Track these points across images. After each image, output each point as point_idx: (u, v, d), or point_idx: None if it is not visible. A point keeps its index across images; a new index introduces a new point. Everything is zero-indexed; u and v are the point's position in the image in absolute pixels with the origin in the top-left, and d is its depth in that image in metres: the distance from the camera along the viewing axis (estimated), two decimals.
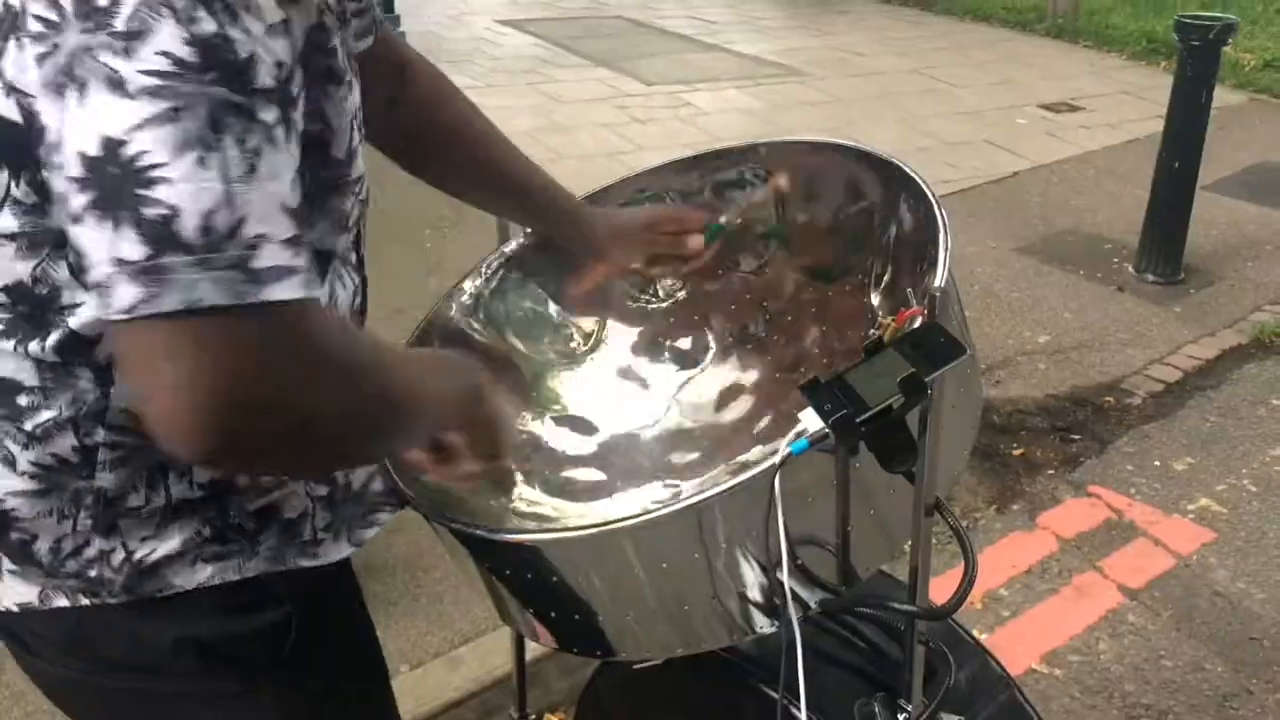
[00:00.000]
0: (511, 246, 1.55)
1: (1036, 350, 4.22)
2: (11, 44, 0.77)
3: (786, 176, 1.46)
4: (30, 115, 0.77)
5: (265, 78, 0.78)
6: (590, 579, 1.11)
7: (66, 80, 0.74)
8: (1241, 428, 3.73)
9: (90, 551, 1.01)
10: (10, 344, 0.92)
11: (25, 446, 0.96)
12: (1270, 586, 2.92)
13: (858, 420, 0.90)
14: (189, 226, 0.73)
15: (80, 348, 0.92)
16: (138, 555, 1.02)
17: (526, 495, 1.33)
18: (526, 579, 1.14)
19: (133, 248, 0.72)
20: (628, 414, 1.50)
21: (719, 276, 1.55)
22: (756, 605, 1.11)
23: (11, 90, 0.79)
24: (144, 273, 0.72)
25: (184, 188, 0.73)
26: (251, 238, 0.75)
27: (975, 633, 2.68)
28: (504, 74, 7.93)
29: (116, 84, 0.72)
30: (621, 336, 1.56)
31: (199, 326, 0.74)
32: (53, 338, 0.91)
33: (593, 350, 1.55)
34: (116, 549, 1.01)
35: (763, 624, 1.12)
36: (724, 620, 1.13)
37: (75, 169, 0.74)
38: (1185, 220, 4.77)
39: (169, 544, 1.03)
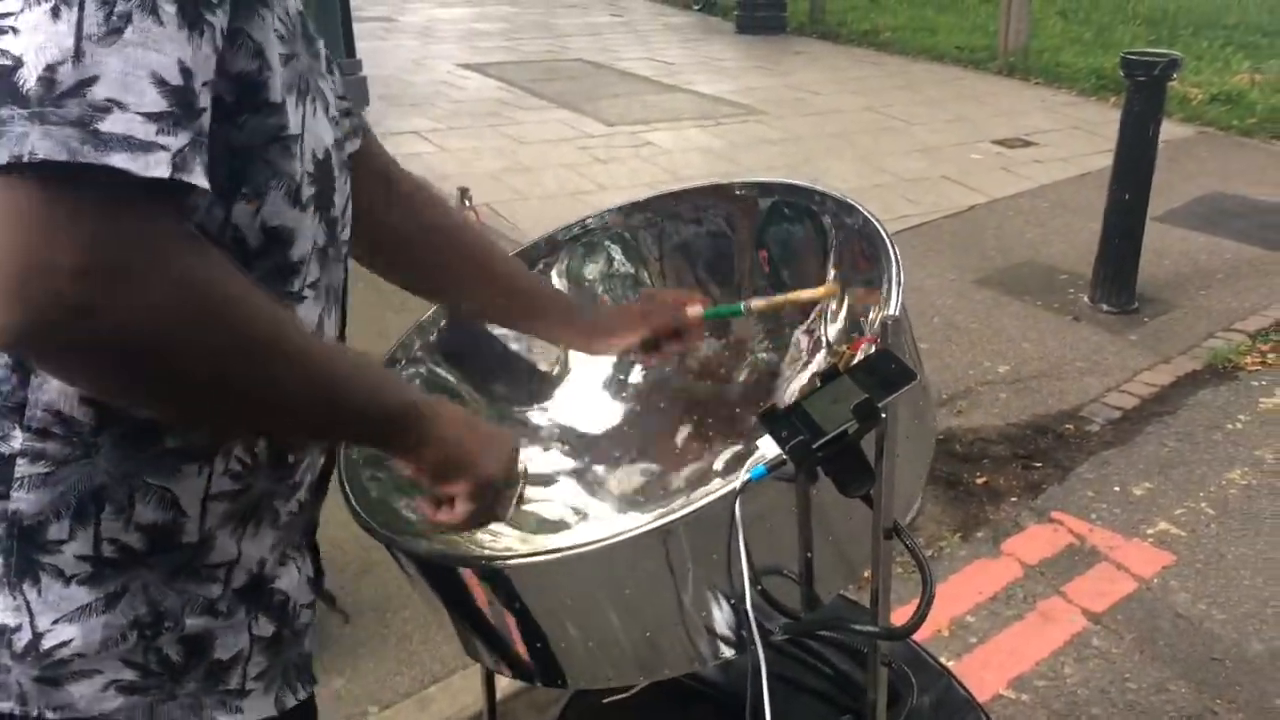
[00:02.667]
0: None
1: (997, 380, 4.29)
2: None
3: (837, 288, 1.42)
4: None
5: None
6: (553, 606, 1.12)
7: None
8: (1198, 452, 3.80)
9: None
10: None
11: None
12: (1230, 607, 2.96)
13: (814, 446, 0.92)
14: (30, 78, 0.67)
15: None
16: (45, 642, 0.88)
17: (491, 527, 1.35)
18: (489, 608, 1.15)
19: None
20: (590, 447, 1.51)
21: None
22: (720, 631, 1.12)
23: None
24: None
25: (30, 38, 0.68)
26: (102, 100, 0.68)
27: (943, 659, 2.71)
28: (466, 117, 7.99)
29: None
30: (584, 373, 1.58)
31: (26, 182, 0.68)
32: None
33: (556, 385, 1.57)
34: (22, 627, 0.87)
35: (727, 650, 1.14)
36: (688, 647, 1.14)
37: None
38: (1137, 250, 4.88)
39: (87, 635, 0.89)
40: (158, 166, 0.70)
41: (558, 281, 1.59)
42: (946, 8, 13.08)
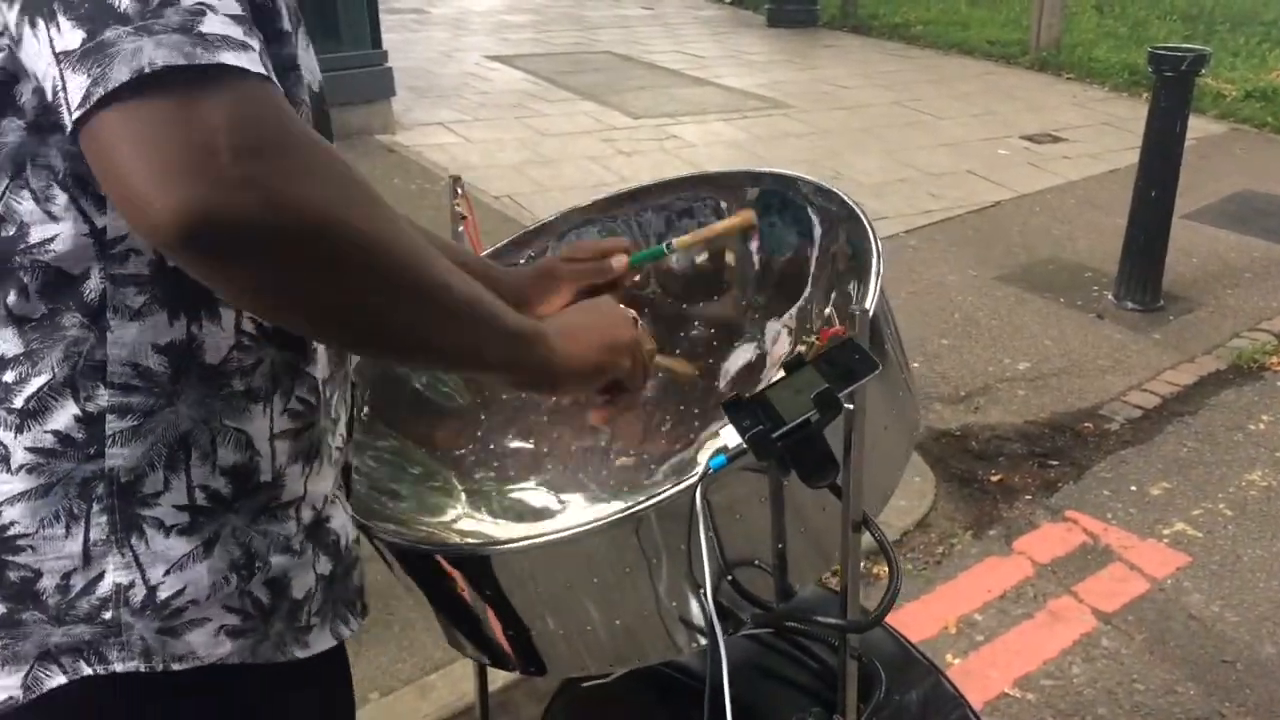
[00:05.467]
0: None
1: (1016, 377, 4.25)
2: None
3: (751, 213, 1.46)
4: None
5: None
6: (527, 594, 1.12)
7: None
8: (1218, 453, 3.75)
9: (104, 587, 0.88)
10: None
11: (19, 430, 0.86)
12: (1243, 610, 2.92)
13: (774, 435, 0.91)
14: None
15: (63, 288, 0.84)
16: (161, 593, 0.89)
17: (473, 514, 1.35)
18: (466, 595, 1.15)
19: (70, 35, 0.67)
20: (574, 435, 1.51)
21: (667, 303, 1.57)
22: (694, 621, 1.12)
23: None
24: (85, 55, 0.67)
25: None
26: (193, 4, 0.69)
27: (948, 657, 2.70)
28: (492, 108, 8.00)
29: None
30: None
31: (154, 94, 0.67)
32: (32, 284, 0.83)
33: None
34: (135, 582, 0.89)
35: (702, 639, 1.13)
36: (664, 635, 1.14)
37: None
38: (1163, 248, 4.81)
39: (196, 582, 0.91)
40: (256, 64, 0.71)
41: None
42: (979, 2, 12.95)
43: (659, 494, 1.01)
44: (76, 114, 0.68)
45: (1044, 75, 9.73)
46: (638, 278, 1.48)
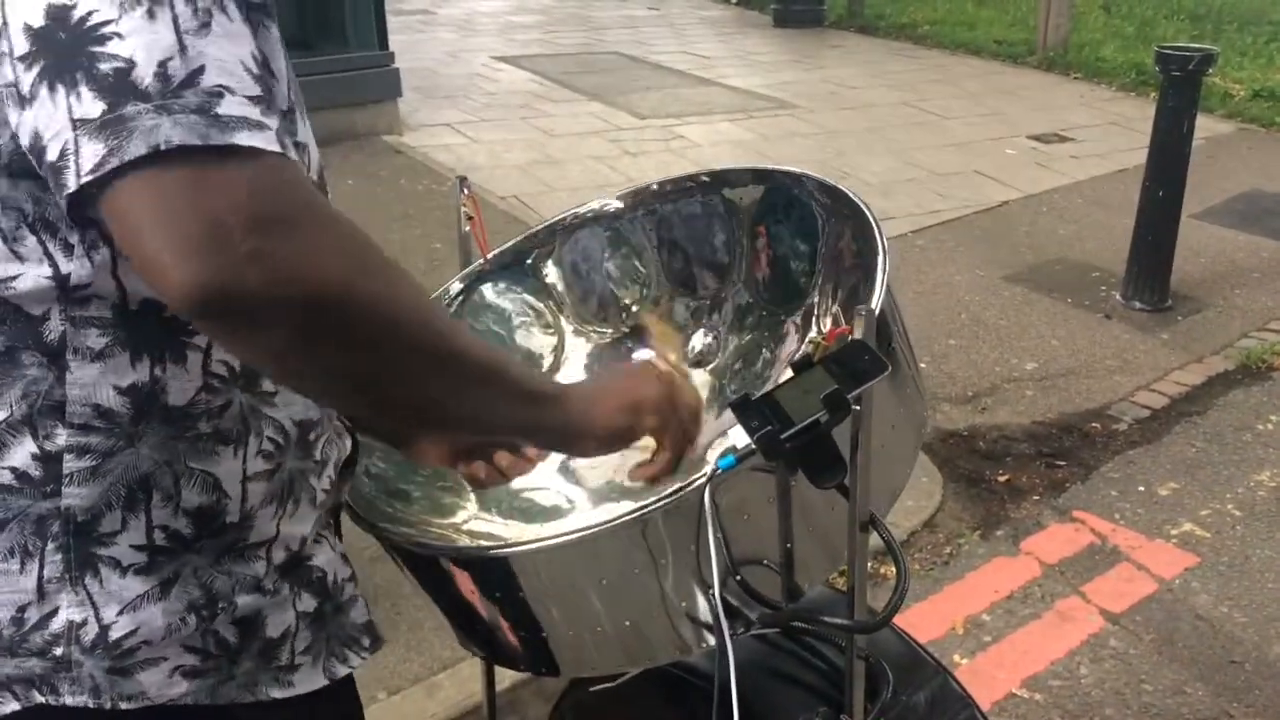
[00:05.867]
0: (472, 268, 1.59)
1: (1024, 377, 4.24)
2: None
3: None
4: None
5: None
6: (537, 595, 1.12)
7: None
8: (1226, 453, 3.74)
9: (57, 623, 0.90)
10: None
11: None
12: (1252, 610, 2.92)
13: (782, 436, 0.92)
14: (145, 75, 0.72)
15: (23, 326, 0.85)
16: (113, 633, 0.91)
17: (483, 515, 1.36)
18: (474, 597, 1.15)
19: (91, 105, 0.71)
20: None
21: (677, 304, 1.57)
22: (703, 620, 1.12)
23: None
24: (104, 126, 0.71)
25: (135, 40, 0.72)
26: (212, 86, 0.73)
27: (956, 658, 2.69)
28: (499, 109, 8.00)
29: None
30: (581, 359, 1.59)
31: (170, 169, 0.71)
32: None
33: (554, 372, 1.58)
34: (89, 620, 0.90)
35: (711, 639, 1.13)
36: (673, 635, 1.14)
37: (22, 46, 0.73)
38: (1171, 248, 4.81)
39: (150, 623, 0.91)
40: (272, 142, 0.74)
41: (553, 270, 1.60)
42: (986, 2, 12.93)
43: (671, 494, 1.01)
44: (86, 178, 0.71)
45: (1051, 75, 9.71)
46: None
